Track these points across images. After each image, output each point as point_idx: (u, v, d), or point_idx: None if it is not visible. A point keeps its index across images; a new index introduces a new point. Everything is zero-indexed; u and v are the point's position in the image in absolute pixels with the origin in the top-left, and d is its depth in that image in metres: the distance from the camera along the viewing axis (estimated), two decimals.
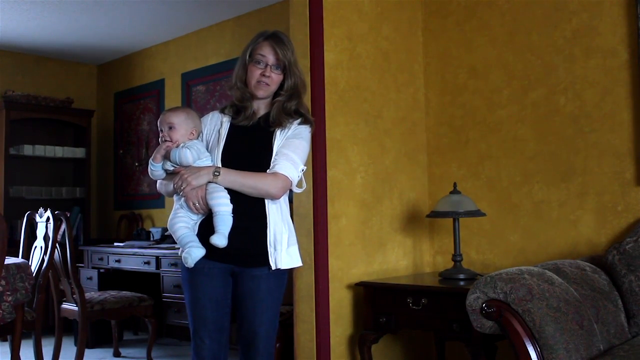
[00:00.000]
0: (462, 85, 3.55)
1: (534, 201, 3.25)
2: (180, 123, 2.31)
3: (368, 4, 3.40)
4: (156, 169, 2.33)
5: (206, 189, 2.21)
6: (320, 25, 3.11)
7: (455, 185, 3.17)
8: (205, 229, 2.24)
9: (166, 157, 2.30)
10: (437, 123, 3.66)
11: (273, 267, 2.25)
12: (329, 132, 3.12)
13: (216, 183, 2.20)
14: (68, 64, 6.54)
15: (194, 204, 2.23)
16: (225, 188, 2.21)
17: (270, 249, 2.25)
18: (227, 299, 2.32)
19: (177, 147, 2.28)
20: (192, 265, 2.20)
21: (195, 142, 2.31)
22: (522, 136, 3.31)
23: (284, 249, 2.27)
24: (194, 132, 2.33)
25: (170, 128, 2.30)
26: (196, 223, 2.29)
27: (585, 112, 3.10)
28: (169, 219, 2.31)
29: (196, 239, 2.23)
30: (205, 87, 5.50)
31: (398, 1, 3.58)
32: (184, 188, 2.20)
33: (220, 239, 2.15)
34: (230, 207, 2.19)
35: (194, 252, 2.19)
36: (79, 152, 6.22)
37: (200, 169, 2.22)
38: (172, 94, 5.83)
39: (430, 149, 3.68)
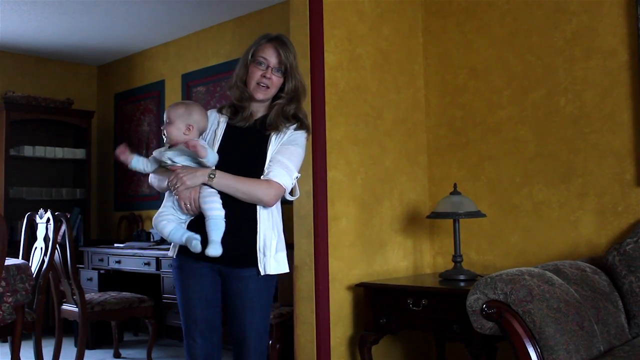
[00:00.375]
0: (462, 86, 3.55)
1: (534, 202, 3.26)
2: (177, 117, 2.27)
3: (368, 5, 3.40)
4: (141, 162, 2.35)
5: (200, 192, 2.21)
6: (321, 27, 3.11)
7: (455, 186, 3.17)
8: (193, 230, 2.24)
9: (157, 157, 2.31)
10: (437, 124, 3.66)
11: (262, 273, 2.25)
12: (329, 133, 3.12)
13: (210, 186, 2.20)
14: (68, 65, 6.54)
15: (185, 204, 2.22)
16: (219, 192, 2.21)
17: (259, 255, 2.25)
18: (217, 298, 2.32)
19: (172, 145, 2.27)
20: (201, 248, 2.16)
21: (203, 142, 2.28)
22: (522, 137, 3.31)
23: (272, 255, 2.26)
24: (190, 128, 2.27)
25: (168, 122, 2.29)
26: (185, 223, 2.28)
27: (585, 113, 3.10)
28: (154, 217, 2.29)
29: (187, 230, 2.22)
30: (205, 88, 5.50)
31: (398, 2, 3.59)
32: (178, 187, 2.20)
33: (215, 249, 2.14)
34: (222, 212, 2.19)
35: (197, 236, 2.17)
36: (79, 153, 6.22)
37: (196, 169, 2.21)
38: (173, 95, 5.83)
39: (431, 150, 3.68)
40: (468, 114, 3.52)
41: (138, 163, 2.35)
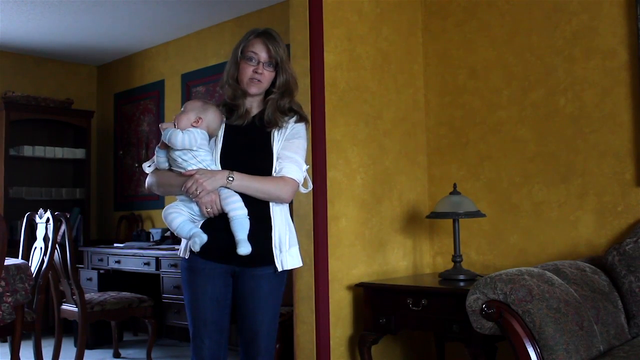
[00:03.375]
0: (461, 86, 3.55)
1: (533, 202, 3.25)
2: (191, 109, 2.28)
3: (368, 4, 3.40)
4: (161, 155, 2.29)
5: (219, 194, 2.20)
6: (320, 26, 3.11)
7: (455, 186, 3.17)
8: (210, 232, 2.22)
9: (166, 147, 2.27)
10: (437, 124, 3.66)
11: (279, 269, 2.26)
12: (329, 133, 3.12)
13: (229, 188, 2.19)
14: (68, 65, 6.54)
15: (207, 208, 2.20)
16: (237, 192, 2.21)
17: (275, 251, 2.25)
18: (228, 299, 2.31)
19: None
20: (199, 249, 2.17)
21: (197, 130, 2.24)
22: (522, 137, 3.31)
23: (287, 250, 2.28)
24: (199, 120, 2.26)
25: (182, 112, 2.29)
26: (199, 224, 2.27)
27: (585, 113, 3.10)
28: (164, 210, 2.26)
29: (194, 225, 2.21)
30: (205, 88, 5.50)
31: (398, 2, 3.59)
32: (199, 193, 2.18)
33: (246, 248, 2.14)
34: (245, 210, 2.18)
35: (201, 237, 2.17)
36: (78, 153, 6.22)
37: (214, 172, 2.20)
38: (172, 95, 5.83)
39: (430, 150, 3.68)
40: (468, 113, 3.52)
41: (160, 155, 2.31)
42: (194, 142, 2.21)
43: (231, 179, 2.18)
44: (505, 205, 3.36)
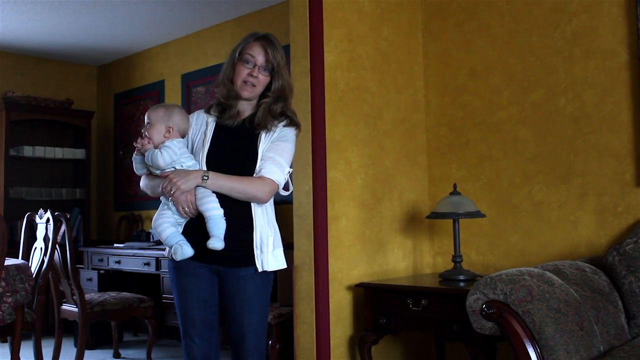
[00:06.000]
0: (462, 86, 3.55)
1: (533, 202, 3.25)
2: (157, 120, 2.30)
3: (368, 5, 3.40)
4: (136, 161, 2.35)
5: (195, 194, 2.21)
6: (320, 27, 3.11)
7: (455, 186, 3.17)
8: (190, 231, 2.26)
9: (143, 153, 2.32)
10: (437, 124, 3.66)
11: (260, 269, 2.27)
12: (329, 133, 3.12)
13: (205, 187, 2.20)
14: (68, 65, 6.54)
15: (183, 208, 2.23)
16: (213, 192, 2.22)
17: (256, 252, 2.27)
18: (215, 297, 2.33)
19: (155, 148, 2.28)
20: (180, 259, 2.21)
21: (172, 142, 2.27)
22: (522, 137, 3.31)
23: (270, 252, 2.28)
24: (170, 130, 2.30)
25: (148, 125, 2.31)
26: (182, 225, 2.29)
27: (585, 113, 3.10)
28: (154, 219, 2.30)
29: (184, 238, 2.24)
30: (205, 89, 5.50)
31: (398, 2, 3.59)
32: (173, 193, 2.20)
33: (217, 242, 2.16)
34: (221, 210, 2.20)
35: (185, 249, 2.20)
36: (79, 153, 6.21)
37: (188, 172, 2.22)
38: (172, 95, 5.83)
39: (430, 150, 3.68)
40: (468, 114, 3.52)
41: (137, 162, 2.37)
42: (175, 157, 2.25)
43: (206, 177, 2.20)
44: (506, 205, 3.35)
